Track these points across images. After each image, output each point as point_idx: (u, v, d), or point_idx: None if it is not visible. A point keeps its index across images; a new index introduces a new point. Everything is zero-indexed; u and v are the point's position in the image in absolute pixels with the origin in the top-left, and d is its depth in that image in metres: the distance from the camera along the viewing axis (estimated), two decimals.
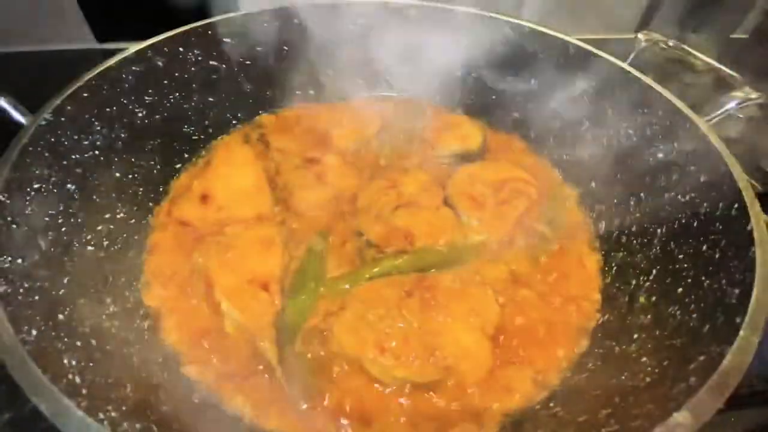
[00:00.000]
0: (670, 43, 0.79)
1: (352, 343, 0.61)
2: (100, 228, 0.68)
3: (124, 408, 0.41)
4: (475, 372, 0.61)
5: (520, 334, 0.66)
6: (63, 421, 0.34)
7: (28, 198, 0.57)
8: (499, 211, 0.79)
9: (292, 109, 1.03)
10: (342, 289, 0.69)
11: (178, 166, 0.88)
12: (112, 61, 0.75)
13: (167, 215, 0.79)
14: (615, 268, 0.74)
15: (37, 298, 0.48)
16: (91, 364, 0.46)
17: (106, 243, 0.68)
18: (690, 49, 0.77)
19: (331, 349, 0.63)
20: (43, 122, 0.63)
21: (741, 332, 0.43)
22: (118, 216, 0.73)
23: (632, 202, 0.76)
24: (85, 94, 0.70)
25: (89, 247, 0.64)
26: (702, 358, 0.44)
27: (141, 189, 0.79)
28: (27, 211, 0.56)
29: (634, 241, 0.73)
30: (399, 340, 0.61)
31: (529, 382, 0.62)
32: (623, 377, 0.54)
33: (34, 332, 0.42)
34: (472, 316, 0.64)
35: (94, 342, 0.51)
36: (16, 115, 0.66)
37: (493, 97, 1.00)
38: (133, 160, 0.78)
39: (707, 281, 0.54)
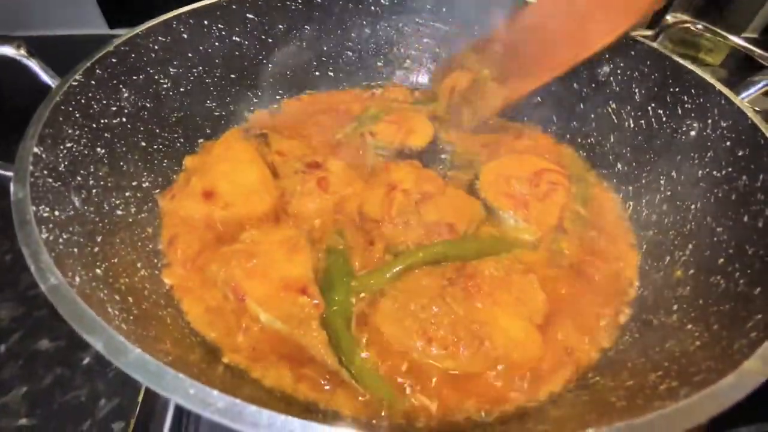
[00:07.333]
0: (699, 26, 0.79)
1: (397, 332, 0.58)
2: (128, 194, 0.66)
3: (166, 360, 0.40)
4: (528, 363, 0.58)
5: (560, 313, 0.64)
6: (121, 357, 0.33)
7: (61, 155, 0.55)
8: (544, 206, 0.76)
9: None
10: (377, 282, 0.64)
11: (201, 140, 0.87)
12: (139, 29, 0.74)
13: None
14: (645, 246, 0.74)
15: (75, 250, 0.47)
16: (131, 318, 0.45)
17: (134, 209, 0.67)
18: (719, 30, 0.76)
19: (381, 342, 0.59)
20: (74, 83, 0.61)
21: None
22: (144, 185, 0.72)
23: (662, 181, 0.76)
24: (113, 60, 0.69)
25: (118, 211, 0.63)
26: (759, 316, 0.44)
27: (165, 161, 0.78)
28: (60, 168, 0.54)
29: (666, 220, 0.73)
30: (446, 330, 0.57)
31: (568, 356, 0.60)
32: (668, 345, 0.53)
33: (77, 279, 0.41)
34: (519, 305, 0.61)
35: (130, 299, 0.50)
36: (46, 78, 0.65)
37: None
38: (157, 130, 0.77)
39: (752, 249, 0.54)
